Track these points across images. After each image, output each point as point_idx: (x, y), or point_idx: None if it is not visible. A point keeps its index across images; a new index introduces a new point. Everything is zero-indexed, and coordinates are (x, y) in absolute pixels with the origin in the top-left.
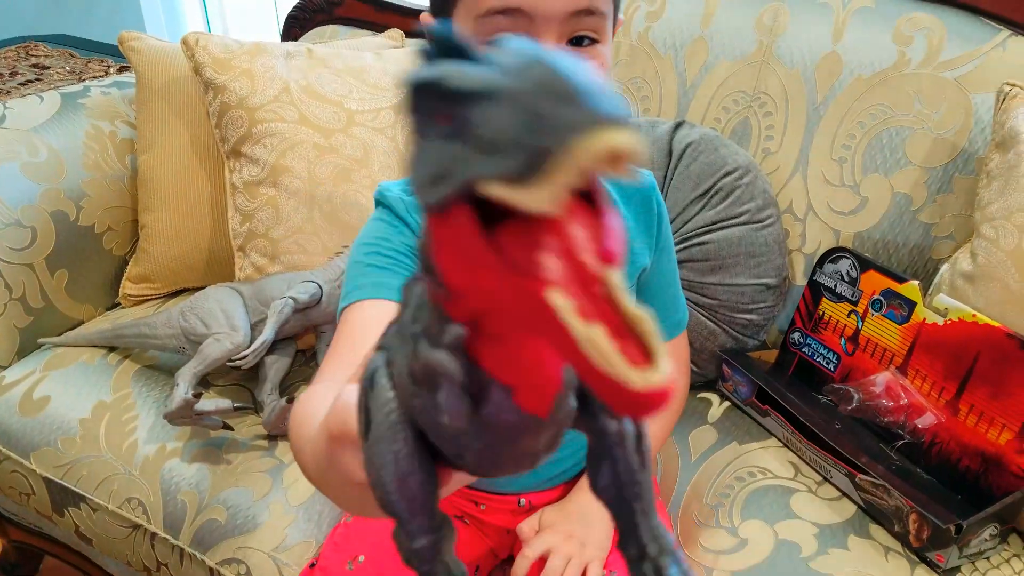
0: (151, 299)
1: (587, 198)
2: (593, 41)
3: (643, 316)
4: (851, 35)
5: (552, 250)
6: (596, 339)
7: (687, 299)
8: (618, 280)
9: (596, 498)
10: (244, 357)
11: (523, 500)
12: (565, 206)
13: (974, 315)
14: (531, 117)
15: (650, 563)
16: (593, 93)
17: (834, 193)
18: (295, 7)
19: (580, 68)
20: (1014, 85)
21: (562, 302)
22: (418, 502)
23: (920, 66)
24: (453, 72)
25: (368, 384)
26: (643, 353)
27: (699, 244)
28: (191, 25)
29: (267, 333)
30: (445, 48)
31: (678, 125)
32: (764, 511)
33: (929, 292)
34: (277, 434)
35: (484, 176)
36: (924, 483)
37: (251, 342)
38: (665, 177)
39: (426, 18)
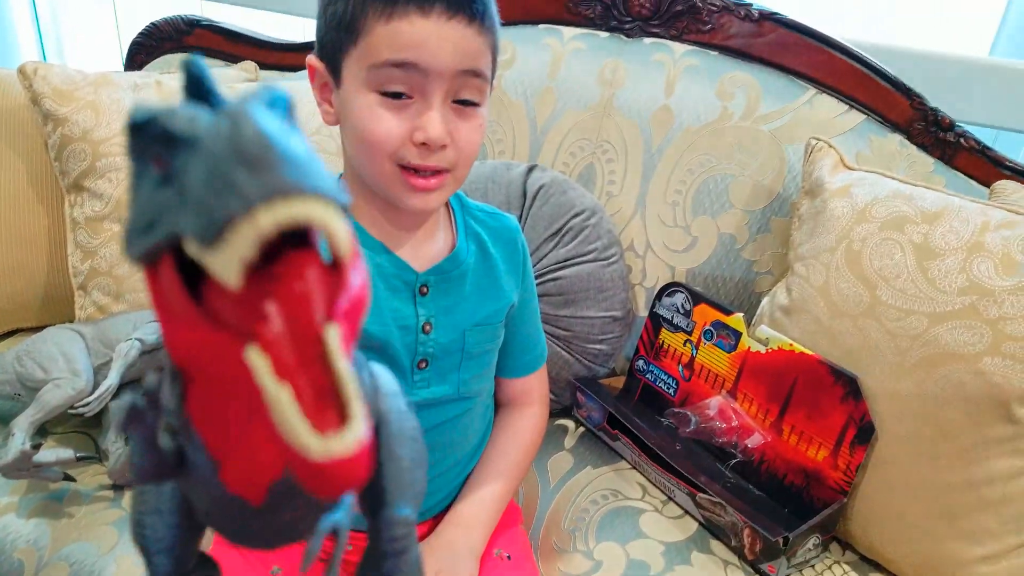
0: None
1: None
2: (475, 104)
3: (348, 377)
4: (681, 90)
5: (267, 305)
6: (281, 400)
7: (544, 331)
8: (335, 339)
9: None
10: (87, 404)
11: None
12: (295, 258)
13: (791, 344)
14: (217, 177)
15: None
16: (288, 161)
17: (669, 233)
18: (140, 33)
19: (282, 132)
20: (819, 139)
21: (258, 360)
22: (164, 543)
23: (741, 119)
24: (167, 113)
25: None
26: (340, 418)
27: (553, 280)
28: (23, 46)
29: (112, 378)
30: (196, 86)
31: (531, 168)
32: (616, 532)
33: (752, 323)
34: (123, 483)
35: (183, 231)
36: (756, 499)
37: (94, 387)
38: (520, 216)
39: (312, 61)
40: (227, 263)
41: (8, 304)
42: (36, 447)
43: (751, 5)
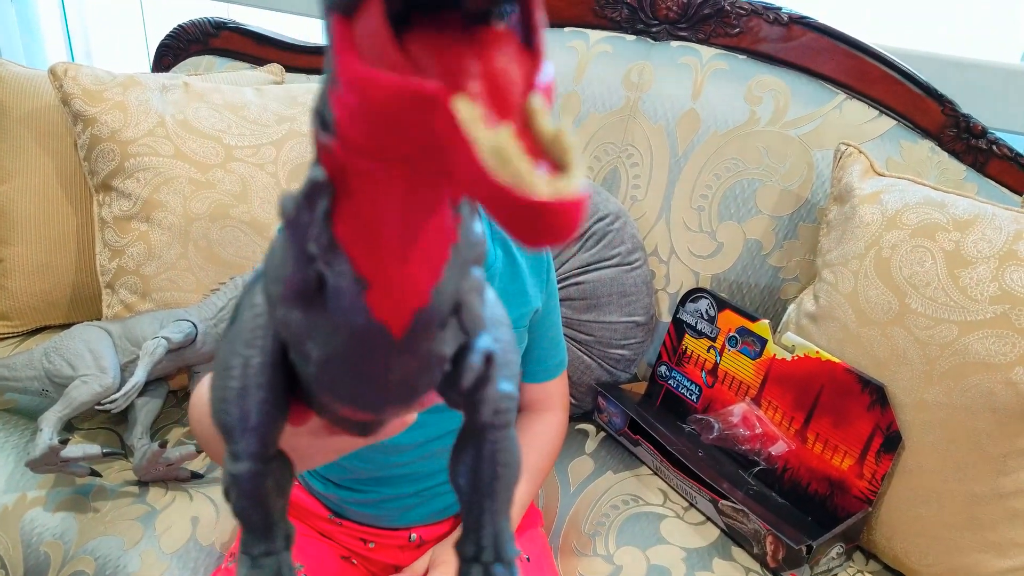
0: (9, 338)
1: (526, 40)
2: None
3: (562, 131)
4: (708, 94)
5: (470, 66)
6: (501, 142)
7: (565, 335)
8: (542, 105)
9: (452, 487)
10: (114, 400)
11: (413, 535)
12: (493, 35)
13: (817, 352)
14: None
15: (480, 567)
16: None
17: (694, 238)
18: (168, 35)
19: None
20: (849, 145)
21: (467, 108)
22: (252, 421)
23: (768, 124)
24: None
25: (247, 287)
26: (557, 167)
27: (576, 284)
28: (51, 48)
29: (138, 375)
30: None
31: None
32: (637, 537)
33: (778, 330)
34: (148, 480)
35: None
36: (779, 507)
37: (121, 384)
38: None
39: None
40: None
41: (37, 302)
42: (64, 442)
43: (780, 9)
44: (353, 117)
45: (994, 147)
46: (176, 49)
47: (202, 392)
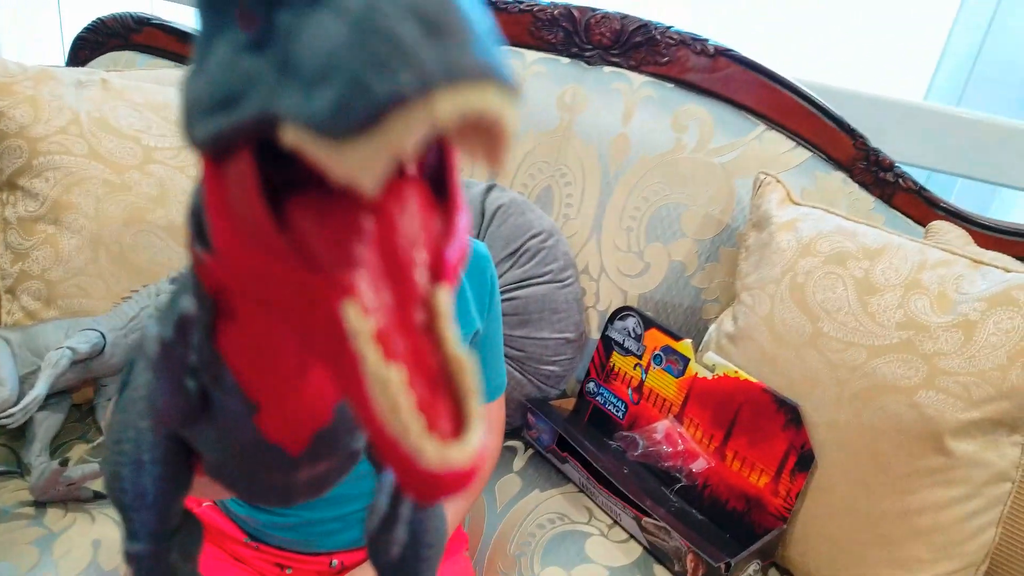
0: None
1: (435, 184)
2: None
3: (466, 364)
4: (637, 120)
5: (366, 244)
6: (391, 386)
7: None
8: (447, 306)
9: (370, 562)
10: (11, 415)
11: (335, 560)
12: (397, 187)
13: (736, 371)
14: (374, 41)
15: None
16: (476, 31)
17: (623, 258)
18: (86, 28)
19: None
20: (767, 174)
21: (359, 321)
22: (148, 499)
23: (693, 151)
24: None
25: (137, 350)
26: (453, 416)
27: (509, 300)
28: None
29: (39, 388)
30: None
31: (490, 187)
32: (562, 557)
33: (700, 349)
34: (46, 500)
35: (288, 113)
36: (699, 524)
37: (19, 397)
38: (478, 235)
39: None
40: (370, 161)
41: None
42: None
43: (707, 40)
44: (225, 268)
45: (900, 180)
46: (94, 43)
47: None
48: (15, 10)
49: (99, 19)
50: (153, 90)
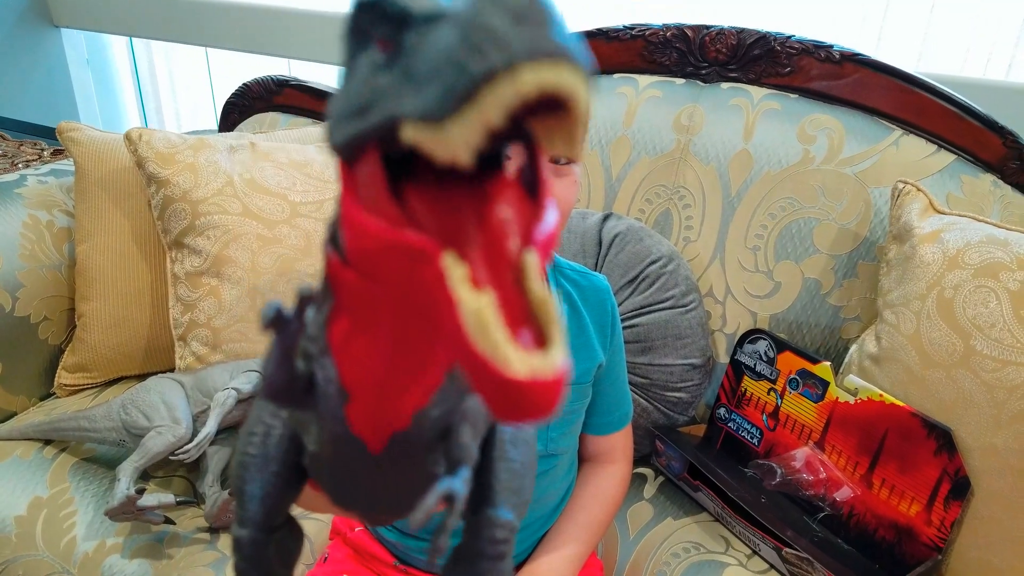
0: (87, 388)
1: (529, 187)
2: (569, 160)
3: (548, 300)
4: (760, 134)
5: (466, 218)
6: (481, 310)
7: None
8: (534, 265)
9: None
10: (187, 451)
11: None
12: (497, 185)
13: (881, 395)
14: (479, 33)
15: None
16: (557, 20)
17: (750, 278)
18: (234, 94)
19: None
20: (907, 183)
21: (453, 267)
22: (262, 491)
23: (823, 162)
24: None
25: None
26: (538, 338)
27: (630, 327)
28: (123, 100)
29: (210, 426)
30: None
31: (606, 217)
32: None
33: (840, 372)
34: (219, 526)
35: (406, 112)
36: (845, 554)
37: (194, 434)
38: (596, 265)
39: None
40: (465, 134)
41: (114, 354)
42: (140, 492)
43: (832, 46)
44: (351, 248)
45: None
46: (241, 107)
47: None
48: (172, 80)
49: (245, 85)
50: (295, 150)
